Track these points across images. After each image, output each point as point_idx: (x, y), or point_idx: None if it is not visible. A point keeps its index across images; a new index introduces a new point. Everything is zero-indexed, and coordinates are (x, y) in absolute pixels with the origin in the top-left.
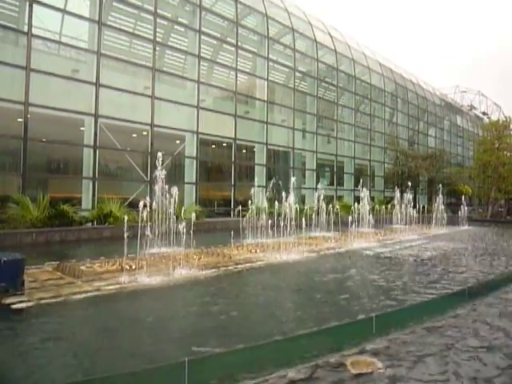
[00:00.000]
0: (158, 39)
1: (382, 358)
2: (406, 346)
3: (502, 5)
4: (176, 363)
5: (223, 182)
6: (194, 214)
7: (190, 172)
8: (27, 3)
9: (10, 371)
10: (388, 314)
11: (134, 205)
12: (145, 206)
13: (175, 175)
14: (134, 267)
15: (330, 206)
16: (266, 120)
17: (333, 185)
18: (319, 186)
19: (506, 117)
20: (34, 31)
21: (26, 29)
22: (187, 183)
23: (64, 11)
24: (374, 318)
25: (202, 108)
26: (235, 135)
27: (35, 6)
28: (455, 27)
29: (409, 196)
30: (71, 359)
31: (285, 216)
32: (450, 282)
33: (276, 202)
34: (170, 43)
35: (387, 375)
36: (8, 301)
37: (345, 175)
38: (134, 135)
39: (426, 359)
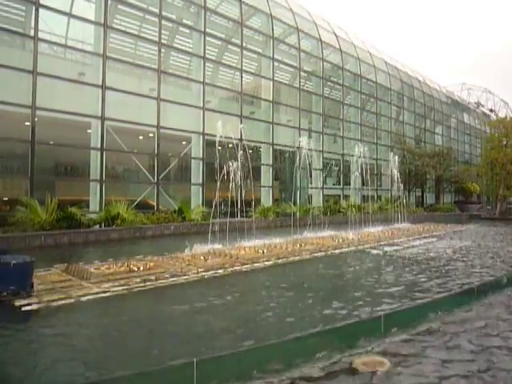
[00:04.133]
0: (163, 41)
1: (390, 357)
2: (415, 346)
3: (506, 4)
4: (184, 363)
5: (229, 183)
6: (200, 215)
7: (197, 173)
8: (33, 8)
9: (24, 374)
10: (397, 313)
11: (141, 206)
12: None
13: (181, 176)
14: (141, 268)
15: (337, 205)
16: (271, 120)
17: (339, 184)
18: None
19: None
20: (41, 35)
21: (32, 33)
22: (194, 184)
23: (70, 15)
24: (382, 317)
25: (208, 109)
26: (241, 136)
27: (41, 11)
28: (460, 25)
29: (416, 194)
30: (84, 358)
31: (292, 215)
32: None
33: (283, 202)
34: (175, 45)
35: (396, 374)
36: (18, 303)
37: (351, 174)
38: (141, 137)
39: (433, 359)
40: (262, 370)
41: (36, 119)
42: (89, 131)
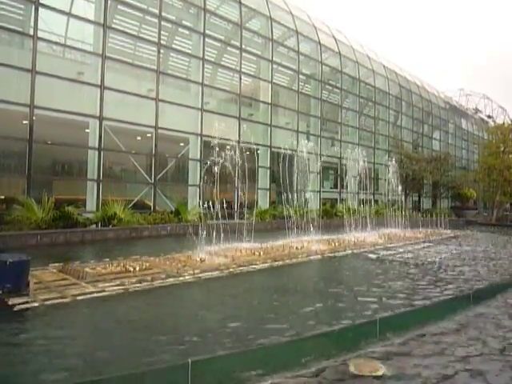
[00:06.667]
0: (162, 42)
1: (385, 361)
2: (410, 350)
3: (505, 11)
4: (179, 365)
5: (227, 185)
6: (197, 216)
7: (194, 174)
8: (33, 7)
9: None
10: (392, 317)
11: (138, 206)
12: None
13: (179, 177)
14: (137, 269)
15: (334, 208)
16: (269, 122)
17: (337, 187)
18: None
19: (511, 120)
20: (40, 34)
21: (31, 32)
22: (191, 185)
23: (69, 14)
24: (378, 321)
25: (206, 110)
26: (239, 138)
27: (41, 10)
28: (459, 31)
29: (413, 199)
30: (76, 358)
31: (289, 218)
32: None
33: (280, 205)
34: (174, 46)
35: (390, 378)
36: (13, 302)
37: (348, 178)
38: (139, 137)
39: (428, 362)
40: (256, 373)
41: (34, 118)
42: (87, 131)
